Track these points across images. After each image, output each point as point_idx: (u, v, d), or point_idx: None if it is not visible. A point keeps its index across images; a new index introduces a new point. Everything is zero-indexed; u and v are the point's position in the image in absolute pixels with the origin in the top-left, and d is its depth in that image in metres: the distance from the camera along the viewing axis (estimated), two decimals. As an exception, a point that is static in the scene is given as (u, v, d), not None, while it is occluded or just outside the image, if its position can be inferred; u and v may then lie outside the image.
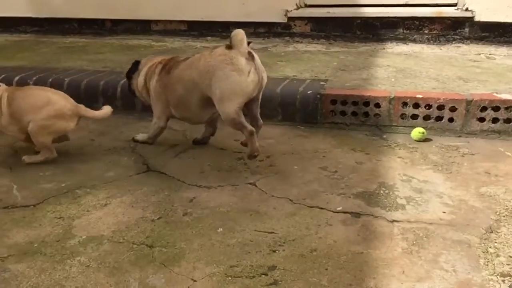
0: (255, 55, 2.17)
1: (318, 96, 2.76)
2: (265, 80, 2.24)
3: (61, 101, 2.38)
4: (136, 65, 2.68)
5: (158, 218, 1.89)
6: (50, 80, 3.21)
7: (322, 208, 1.94)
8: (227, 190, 2.11)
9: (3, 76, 3.29)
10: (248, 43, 2.20)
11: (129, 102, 3.08)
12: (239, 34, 2.16)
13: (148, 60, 2.67)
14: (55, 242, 1.74)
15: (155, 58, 2.65)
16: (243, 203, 2.00)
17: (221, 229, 1.81)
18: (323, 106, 2.76)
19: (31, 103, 2.33)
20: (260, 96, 2.28)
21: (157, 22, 4.68)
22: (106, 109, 2.46)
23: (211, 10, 4.47)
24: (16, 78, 3.25)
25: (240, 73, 2.11)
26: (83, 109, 2.43)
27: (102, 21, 4.81)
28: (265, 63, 3.47)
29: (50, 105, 2.33)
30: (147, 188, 2.14)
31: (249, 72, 2.11)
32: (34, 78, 3.23)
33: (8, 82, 3.24)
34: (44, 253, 1.68)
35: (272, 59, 3.64)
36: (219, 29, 4.53)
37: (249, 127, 2.19)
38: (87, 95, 3.14)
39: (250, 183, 2.16)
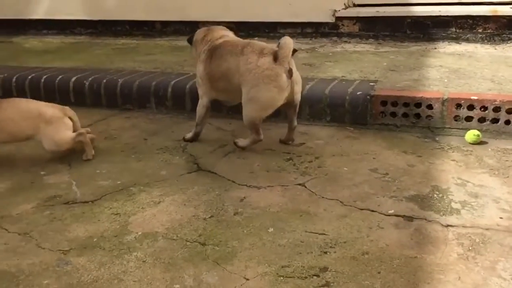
0: (293, 69, 2.34)
1: (368, 97, 2.73)
2: (299, 90, 2.43)
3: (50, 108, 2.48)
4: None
5: (210, 217, 1.93)
6: (105, 81, 3.33)
7: (373, 211, 1.92)
8: (277, 191, 2.12)
9: (61, 76, 3.44)
10: (294, 51, 2.33)
11: (179, 102, 3.15)
12: (287, 48, 2.29)
13: (203, 33, 2.70)
14: (112, 237, 1.81)
15: (209, 33, 2.68)
16: (293, 204, 2.01)
17: (272, 229, 1.83)
18: (373, 107, 2.72)
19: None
20: (297, 103, 2.46)
21: (204, 23, 4.74)
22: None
23: (258, 11, 4.50)
24: (73, 79, 3.39)
25: (280, 90, 2.31)
26: (68, 109, 2.53)
27: (152, 23, 4.93)
28: (313, 64, 3.50)
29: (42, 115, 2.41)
30: (198, 187, 2.18)
31: (286, 89, 2.32)
32: (90, 79, 3.36)
33: (66, 83, 3.40)
34: (103, 248, 1.75)
35: (320, 60, 3.63)
36: (266, 30, 4.56)
37: (261, 136, 2.45)
38: (139, 95, 3.24)
39: (300, 184, 2.17)
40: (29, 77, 3.49)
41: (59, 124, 2.45)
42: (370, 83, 2.91)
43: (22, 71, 3.60)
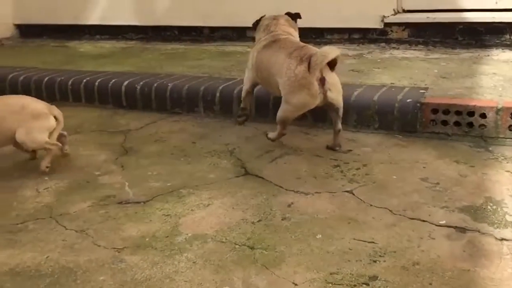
0: (328, 76, 2.42)
1: (418, 104, 2.69)
2: (336, 95, 2.48)
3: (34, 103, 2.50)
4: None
5: (258, 221, 1.96)
6: (155, 85, 3.42)
7: (424, 221, 1.89)
8: (325, 197, 2.12)
9: (114, 80, 3.56)
10: (334, 62, 2.42)
11: (226, 107, 3.20)
12: (318, 57, 2.37)
13: (268, 22, 2.86)
14: (164, 237, 1.87)
15: (274, 25, 2.83)
16: (341, 211, 2.00)
17: (320, 236, 1.83)
18: (423, 115, 2.68)
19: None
20: (339, 107, 2.52)
21: (251, 29, 4.80)
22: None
23: (305, 16, 4.45)
24: (125, 83, 3.51)
25: (311, 97, 2.43)
26: (54, 108, 2.56)
27: (201, 29, 5.03)
28: (361, 70, 3.48)
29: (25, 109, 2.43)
30: (246, 191, 2.21)
31: (317, 95, 2.43)
32: (141, 83, 3.47)
33: (118, 87, 3.53)
34: (155, 248, 1.80)
35: (368, 66, 3.60)
36: (313, 35, 4.55)
37: (285, 131, 2.61)
38: (188, 99, 3.31)
39: (347, 191, 2.16)
40: (84, 80, 3.64)
41: (43, 121, 2.46)
42: (420, 90, 2.86)
43: (77, 75, 3.75)
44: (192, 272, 1.65)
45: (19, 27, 5.75)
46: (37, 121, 2.43)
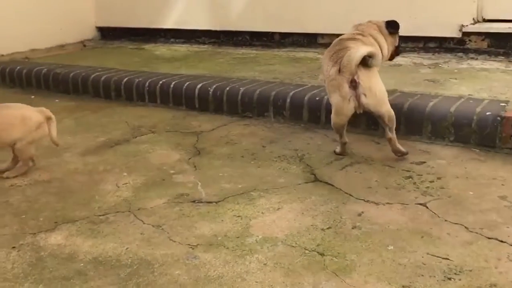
0: (363, 80, 2.40)
1: (498, 118, 2.58)
2: (374, 102, 2.43)
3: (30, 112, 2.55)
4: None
5: (328, 228, 1.96)
6: (227, 88, 3.51)
7: (502, 241, 1.81)
8: (396, 209, 2.09)
9: (187, 83, 3.69)
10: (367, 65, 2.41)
11: (297, 113, 3.23)
12: (346, 59, 2.38)
13: (357, 25, 2.89)
14: (235, 238, 1.92)
15: (360, 28, 2.85)
16: (414, 224, 1.97)
17: (392, 247, 1.81)
18: (504, 130, 2.57)
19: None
20: (379, 114, 2.48)
21: (323, 35, 4.81)
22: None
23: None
24: (199, 86, 3.62)
25: (343, 99, 2.44)
26: (46, 110, 2.61)
27: (272, 34, 5.10)
28: (436, 80, 3.39)
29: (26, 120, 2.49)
30: (315, 198, 2.22)
31: (349, 99, 2.42)
32: (214, 86, 3.57)
33: (192, 90, 3.65)
34: (227, 247, 1.86)
35: (444, 76, 3.49)
36: (386, 44, 4.47)
37: (342, 139, 2.61)
38: (258, 104, 3.37)
39: (421, 204, 2.12)
40: (160, 82, 3.80)
41: (42, 131, 2.56)
42: (501, 104, 2.74)
43: (153, 77, 3.92)
44: (263, 274, 1.69)
45: (100, 29, 6.08)
46: (37, 132, 2.55)
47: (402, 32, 4.33)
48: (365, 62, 2.41)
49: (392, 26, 2.88)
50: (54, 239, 1.95)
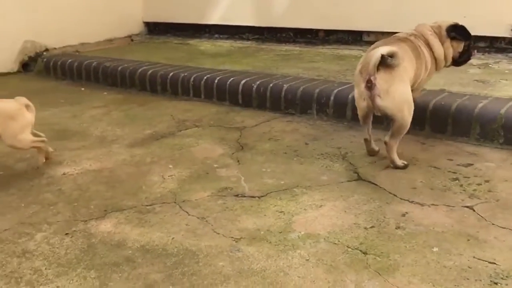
0: (377, 84, 2.34)
1: (552, 121, 2.50)
2: (386, 104, 2.37)
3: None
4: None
5: (371, 227, 1.96)
6: (271, 85, 3.54)
7: (553, 247, 1.77)
8: (442, 210, 2.06)
9: (231, 79, 3.74)
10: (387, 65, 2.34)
11: (340, 111, 3.22)
12: (365, 59, 2.40)
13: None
14: (278, 233, 1.94)
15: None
16: (460, 226, 1.94)
17: (437, 249, 1.79)
18: (557, 133, 2.48)
19: None
20: (393, 118, 2.41)
21: (368, 33, 4.76)
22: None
23: (425, 22, 4.35)
24: (242, 82, 3.66)
25: (360, 97, 2.46)
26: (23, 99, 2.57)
27: (316, 31, 5.08)
28: (486, 81, 3.30)
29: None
30: (358, 196, 2.22)
31: (364, 98, 2.42)
32: (258, 82, 3.60)
33: (236, 85, 3.70)
34: (270, 241, 1.89)
35: (494, 77, 3.39)
36: (433, 42, 4.38)
37: (365, 135, 2.59)
38: (302, 101, 3.38)
39: (467, 207, 2.08)
40: (205, 77, 3.86)
41: (21, 119, 2.49)
42: (555, 106, 2.65)
43: (198, 72, 3.99)
44: (305, 269, 1.71)
45: (147, 24, 6.23)
46: (15, 121, 2.47)
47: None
48: (385, 61, 2.32)
49: (455, 31, 2.74)
50: (104, 227, 2.04)
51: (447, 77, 3.38)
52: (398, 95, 2.36)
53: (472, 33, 4.15)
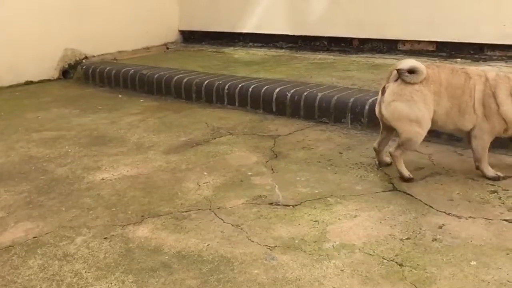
0: (386, 92, 2.40)
1: None
2: (386, 112, 2.43)
3: None
4: None
5: (407, 239, 1.94)
6: (305, 94, 3.55)
7: None
8: (480, 223, 2.02)
9: (266, 87, 3.77)
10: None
11: (374, 120, 3.18)
12: (394, 70, 2.40)
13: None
14: (312, 242, 1.95)
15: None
16: (498, 240, 1.89)
17: (474, 263, 1.76)
18: None
19: None
20: (399, 131, 2.44)
21: (404, 42, 4.71)
22: None
23: (464, 31, 4.29)
24: (277, 90, 3.69)
25: (378, 101, 2.51)
26: None
27: (350, 40, 5.06)
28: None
29: None
30: (393, 207, 2.20)
31: (378, 103, 2.49)
32: (292, 91, 3.61)
33: (270, 93, 3.72)
34: (304, 250, 1.89)
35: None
36: (471, 51, 4.31)
37: (374, 144, 2.65)
38: (336, 110, 3.37)
39: (506, 220, 2.04)
40: (239, 85, 3.90)
41: None
42: None
43: (233, 80, 4.04)
44: (340, 280, 1.70)
45: (182, 33, 6.34)
46: None
47: (489, 40, 4.19)
48: (400, 75, 2.35)
49: None
50: (141, 232, 2.09)
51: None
52: (397, 111, 2.39)
53: (510, 43, 4.08)
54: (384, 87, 2.44)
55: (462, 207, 2.17)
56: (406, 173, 2.45)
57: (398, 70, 2.36)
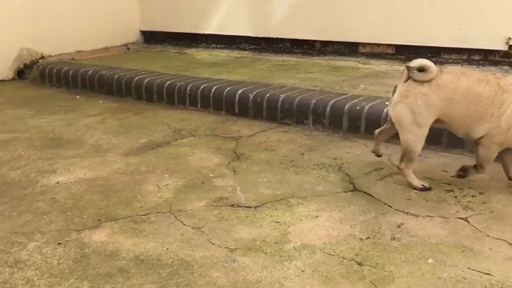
0: (395, 93, 2.36)
1: (546, 134, 2.50)
2: (391, 111, 2.39)
3: None
4: None
5: (366, 238, 1.96)
6: (267, 95, 3.54)
7: (548, 259, 1.77)
8: (437, 222, 2.07)
9: (228, 89, 3.74)
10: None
11: (336, 122, 3.23)
12: (405, 70, 2.35)
13: None
14: (273, 243, 1.94)
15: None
16: (454, 238, 1.94)
17: (431, 260, 1.79)
18: (551, 146, 2.49)
19: None
20: (399, 134, 2.39)
21: (364, 45, 4.79)
22: None
23: (422, 35, 4.40)
24: (239, 91, 3.67)
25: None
26: None
27: (312, 42, 5.11)
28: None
29: None
30: (354, 207, 2.22)
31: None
32: (254, 93, 3.61)
33: (232, 95, 3.70)
34: (265, 252, 1.88)
35: (489, 89, 3.41)
36: (428, 54, 4.42)
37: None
38: (298, 111, 3.38)
39: (462, 218, 2.09)
40: (201, 87, 3.86)
41: None
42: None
43: (195, 81, 3.99)
44: (301, 280, 1.70)
45: (144, 33, 6.24)
46: None
47: (446, 43, 4.31)
48: (410, 73, 2.29)
49: None
50: (98, 237, 2.02)
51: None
52: (400, 114, 2.32)
53: (467, 46, 4.22)
54: (395, 87, 2.38)
55: (419, 206, 2.21)
56: (418, 184, 2.37)
57: (407, 67, 2.30)
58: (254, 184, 2.48)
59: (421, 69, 2.28)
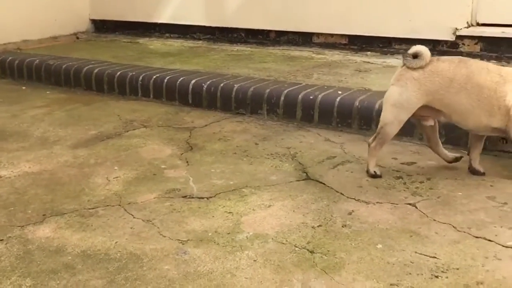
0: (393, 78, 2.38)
1: (489, 121, 2.60)
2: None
3: None
4: None
5: (318, 226, 1.97)
6: (221, 85, 3.51)
7: (489, 240, 1.84)
8: (386, 208, 2.11)
9: (181, 79, 3.68)
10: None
11: (290, 111, 3.23)
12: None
13: None
14: (226, 234, 1.92)
15: None
16: (403, 223, 1.98)
17: (380, 246, 1.82)
18: (494, 132, 2.58)
19: None
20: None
21: (318, 35, 4.82)
22: None
23: (373, 25, 4.47)
24: (193, 81, 3.61)
25: None
26: None
27: (267, 32, 5.09)
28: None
29: None
30: (306, 196, 2.23)
31: None
32: (208, 82, 3.56)
33: (186, 85, 3.64)
34: (217, 243, 1.86)
35: (437, 78, 3.51)
36: (380, 44, 4.50)
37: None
38: (252, 101, 3.37)
39: (410, 204, 2.13)
40: (154, 77, 3.78)
41: None
42: (492, 107, 2.76)
43: (147, 71, 3.90)
44: (253, 270, 1.69)
45: (94, 22, 6.04)
46: None
47: (396, 34, 4.40)
48: (404, 59, 2.32)
49: None
50: (42, 232, 1.94)
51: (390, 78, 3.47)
52: (388, 93, 2.36)
53: (416, 36, 4.31)
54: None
55: (370, 193, 2.24)
56: (372, 169, 2.40)
57: (404, 55, 2.32)
58: (207, 174, 2.45)
59: (415, 56, 2.31)
